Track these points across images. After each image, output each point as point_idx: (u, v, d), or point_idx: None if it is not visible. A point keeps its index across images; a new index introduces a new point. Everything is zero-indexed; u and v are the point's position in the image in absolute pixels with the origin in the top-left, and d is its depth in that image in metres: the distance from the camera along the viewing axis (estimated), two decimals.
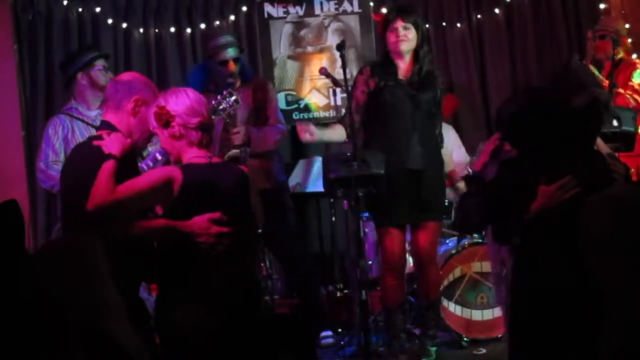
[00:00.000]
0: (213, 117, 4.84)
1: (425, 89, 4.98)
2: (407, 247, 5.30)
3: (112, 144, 3.52)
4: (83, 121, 5.09)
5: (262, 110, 5.40)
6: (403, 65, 5.01)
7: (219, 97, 4.94)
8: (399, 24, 4.94)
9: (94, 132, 4.98)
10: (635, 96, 5.74)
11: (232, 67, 5.26)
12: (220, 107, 4.95)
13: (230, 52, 5.29)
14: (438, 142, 5.12)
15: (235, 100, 4.93)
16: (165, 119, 3.50)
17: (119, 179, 3.38)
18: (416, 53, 5.00)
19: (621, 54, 5.84)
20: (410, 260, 5.49)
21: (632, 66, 5.87)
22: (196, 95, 3.58)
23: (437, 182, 5.05)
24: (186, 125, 3.50)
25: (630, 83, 5.77)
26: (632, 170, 5.78)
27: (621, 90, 5.62)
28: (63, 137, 5.04)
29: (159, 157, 4.91)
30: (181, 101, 3.52)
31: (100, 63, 5.18)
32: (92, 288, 2.54)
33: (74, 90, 5.21)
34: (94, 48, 5.49)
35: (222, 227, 3.37)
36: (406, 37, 4.93)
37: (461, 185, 6.01)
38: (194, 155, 3.52)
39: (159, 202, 3.47)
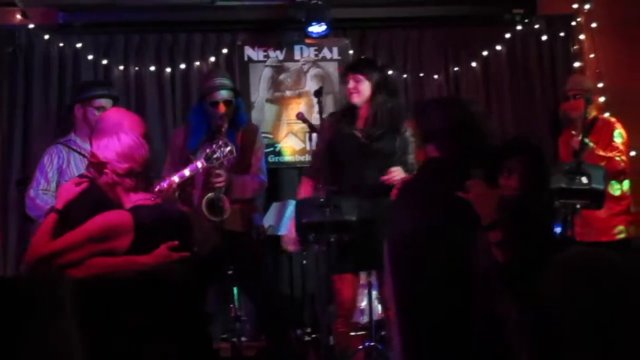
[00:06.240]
0: (205, 164, 4.82)
1: (383, 137, 5.02)
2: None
3: (60, 196, 3.61)
4: (79, 153, 5.02)
5: (246, 157, 5.36)
6: (362, 115, 5.10)
7: (213, 145, 4.87)
8: (351, 77, 5.12)
9: None
10: (623, 157, 5.74)
11: (223, 108, 5.20)
12: (215, 155, 4.90)
13: (223, 94, 5.25)
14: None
15: (230, 151, 4.89)
16: (98, 168, 3.49)
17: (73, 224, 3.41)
18: (371, 103, 5.09)
19: (593, 112, 5.88)
20: (379, 306, 5.49)
21: (611, 125, 5.87)
22: (130, 138, 3.56)
23: None
24: (116, 172, 3.48)
25: (614, 144, 5.77)
26: (622, 227, 5.86)
27: (602, 152, 5.62)
28: (57, 167, 4.98)
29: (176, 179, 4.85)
30: (111, 146, 3.49)
31: (101, 102, 5.10)
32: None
33: (74, 121, 5.18)
34: (103, 86, 5.40)
35: (182, 253, 3.42)
36: (356, 90, 5.08)
37: None
38: (137, 199, 3.51)
39: (105, 245, 3.38)
